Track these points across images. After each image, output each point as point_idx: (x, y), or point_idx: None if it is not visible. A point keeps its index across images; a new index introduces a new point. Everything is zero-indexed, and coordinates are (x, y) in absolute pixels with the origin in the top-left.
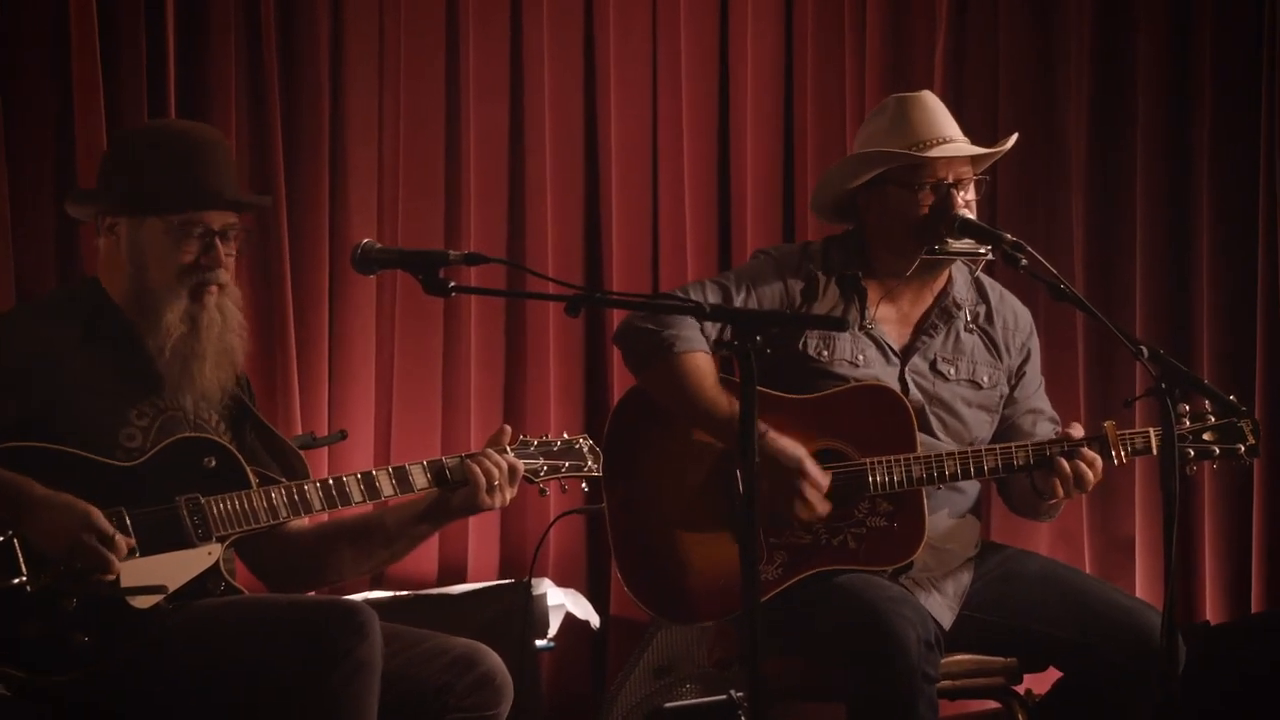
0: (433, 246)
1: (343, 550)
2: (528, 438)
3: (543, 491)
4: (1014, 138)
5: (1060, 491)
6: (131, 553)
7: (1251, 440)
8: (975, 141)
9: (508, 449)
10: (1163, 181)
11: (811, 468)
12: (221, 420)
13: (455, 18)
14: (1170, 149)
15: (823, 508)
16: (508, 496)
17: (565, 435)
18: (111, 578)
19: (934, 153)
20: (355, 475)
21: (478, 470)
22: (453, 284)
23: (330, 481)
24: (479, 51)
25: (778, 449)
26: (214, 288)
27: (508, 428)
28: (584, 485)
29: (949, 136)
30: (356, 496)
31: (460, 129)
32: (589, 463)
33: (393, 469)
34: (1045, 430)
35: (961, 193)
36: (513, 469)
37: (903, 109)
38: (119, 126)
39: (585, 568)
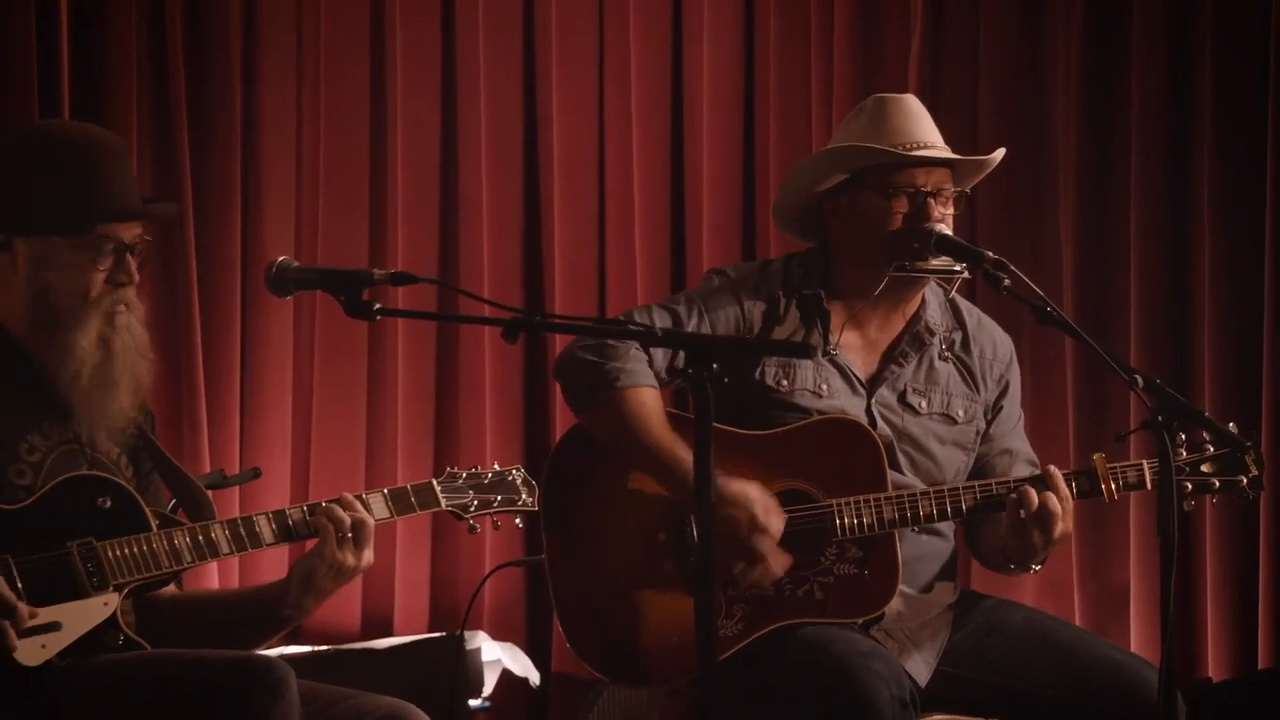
0: (356, 264)
1: (250, 620)
2: (456, 470)
3: (473, 529)
4: (1000, 152)
5: (1034, 539)
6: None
7: (1254, 471)
8: (955, 151)
9: (435, 483)
10: (1160, 193)
11: (766, 515)
12: (124, 454)
13: (381, 12)
14: (1168, 157)
15: (777, 565)
16: (366, 555)
17: (496, 466)
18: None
19: (917, 154)
20: (267, 515)
21: (325, 522)
22: (378, 306)
23: (239, 522)
24: (408, 49)
25: (728, 494)
26: (122, 307)
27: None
28: (518, 521)
29: (931, 143)
30: (268, 538)
31: (387, 135)
32: (523, 496)
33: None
34: (1022, 470)
35: (939, 205)
36: (360, 524)
37: (883, 110)
38: (4, 129)
39: (524, 620)
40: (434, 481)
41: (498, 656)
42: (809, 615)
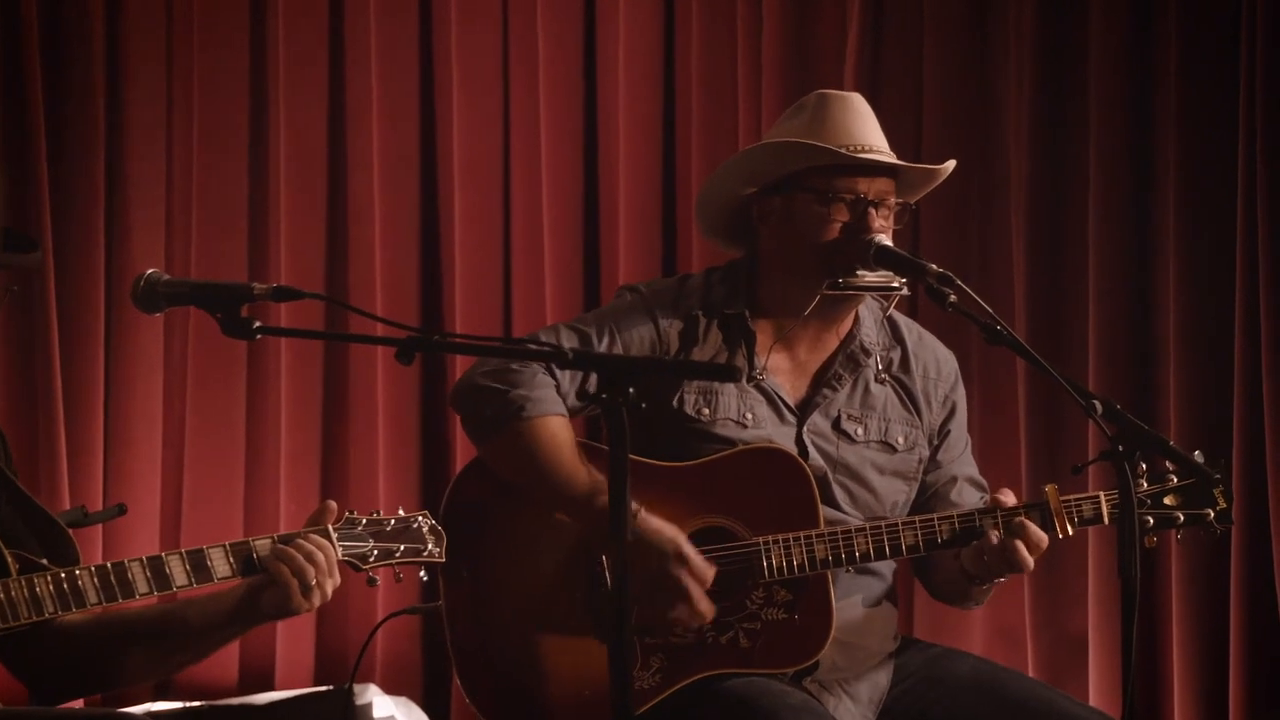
0: (234, 278)
1: (133, 651)
2: (354, 515)
3: (372, 581)
4: (951, 164)
5: (994, 572)
6: None
7: (1222, 504)
8: (898, 158)
9: (331, 531)
10: (1122, 199)
11: (693, 554)
12: None
13: (261, 3)
14: (1131, 159)
15: (706, 607)
16: (329, 591)
17: (401, 512)
18: None
19: (863, 157)
20: (140, 560)
21: (287, 574)
22: (258, 324)
23: (109, 568)
24: (291, 38)
25: (651, 530)
26: None
27: (332, 504)
28: (422, 573)
29: (876, 148)
30: (142, 587)
31: (268, 134)
32: (429, 545)
33: (187, 553)
34: (971, 499)
35: (880, 217)
36: (331, 561)
37: (827, 107)
38: None
39: (420, 672)
40: (330, 528)
41: (390, 713)
42: (734, 665)
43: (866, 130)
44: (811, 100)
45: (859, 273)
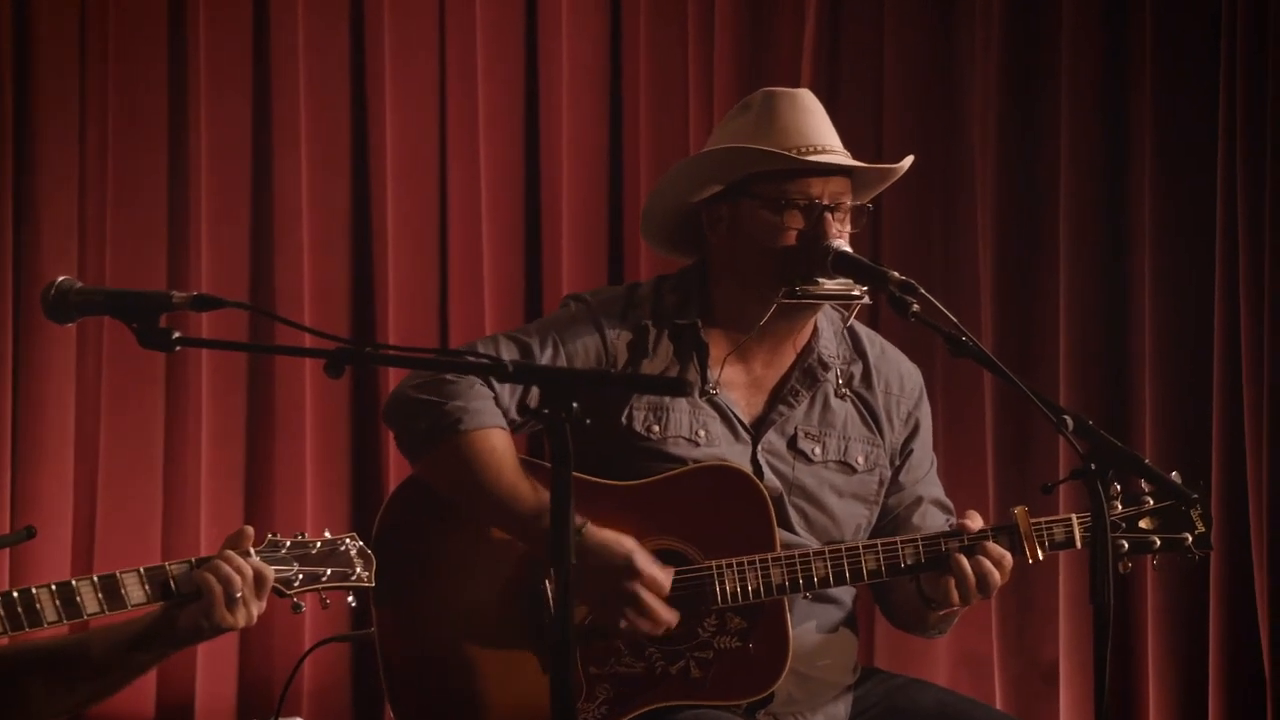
0: (152, 285)
1: (33, 683)
2: (278, 537)
3: (297, 607)
4: (909, 160)
5: (955, 598)
6: None
7: (1200, 528)
8: (852, 153)
9: (252, 552)
10: (1095, 202)
11: (646, 564)
12: None
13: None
14: (1103, 159)
15: (668, 615)
16: (254, 613)
17: (327, 534)
18: None
19: (814, 159)
20: (49, 587)
21: (212, 580)
22: (177, 335)
23: (15, 596)
24: (212, 30)
25: (600, 543)
26: None
27: (249, 529)
28: (350, 599)
29: (828, 146)
30: (50, 615)
31: (188, 133)
32: (357, 570)
33: (99, 579)
34: (936, 521)
35: (836, 221)
36: (260, 576)
37: (773, 106)
38: None
39: (350, 705)
40: (252, 551)
41: None
42: (684, 697)
43: (817, 128)
44: (757, 99)
45: (817, 282)
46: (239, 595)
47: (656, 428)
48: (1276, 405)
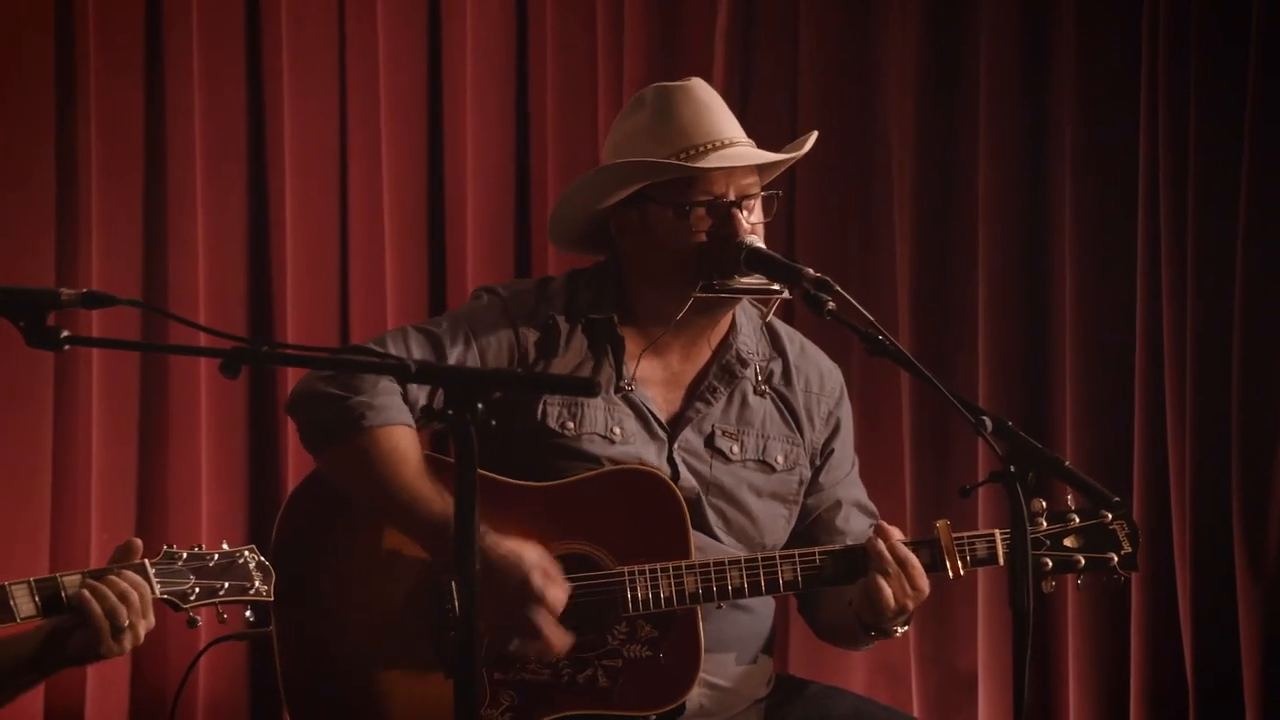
0: (39, 282)
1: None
2: (174, 549)
3: (193, 622)
4: (813, 136)
5: (888, 594)
6: None
7: (1127, 548)
8: (767, 144)
9: (148, 566)
10: (1017, 195)
11: (541, 583)
12: None
13: None
14: (1023, 150)
15: (560, 642)
16: (141, 634)
17: (225, 546)
18: None
19: (707, 162)
20: None
21: (98, 612)
22: (66, 334)
23: None
24: (106, 18)
25: (499, 558)
26: None
27: (138, 541)
28: (249, 614)
29: (728, 139)
30: None
31: (77, 119)
32: (256, 583)
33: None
34: (859, 525)
35: (746, 213)
36: (146, 600)
37: (666, 104)
38: None
39: (247, 707)
40: (147, 563)
41: None
42: (591, 706)
43: (716, 122)
44: (649, 96)
45: (731, 278)
46: (125, 625)
47: (571, 425)
48: (1199, 406)
